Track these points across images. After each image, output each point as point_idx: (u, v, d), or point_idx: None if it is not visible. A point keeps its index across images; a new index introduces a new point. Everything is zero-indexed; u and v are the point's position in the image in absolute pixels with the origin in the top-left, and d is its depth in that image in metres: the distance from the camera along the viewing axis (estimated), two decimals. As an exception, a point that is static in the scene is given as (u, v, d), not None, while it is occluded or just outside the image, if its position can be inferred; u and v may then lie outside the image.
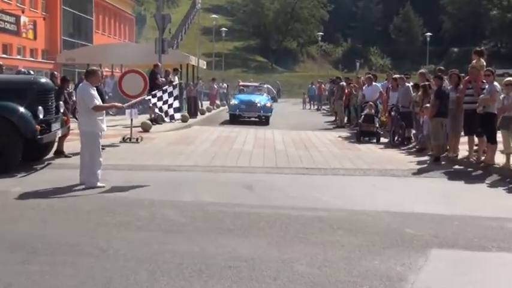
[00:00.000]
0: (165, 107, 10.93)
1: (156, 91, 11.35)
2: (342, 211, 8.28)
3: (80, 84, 10.22)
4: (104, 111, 10.21)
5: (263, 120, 24.83)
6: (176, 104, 11.00)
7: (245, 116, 25.16)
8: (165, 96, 10.89)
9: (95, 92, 9.77)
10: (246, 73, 69.12)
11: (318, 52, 78.69)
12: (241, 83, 33.73)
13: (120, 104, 11.83)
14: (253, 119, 25.34)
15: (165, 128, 20.24)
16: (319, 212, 8.19)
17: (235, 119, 24.90)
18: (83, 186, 9.41)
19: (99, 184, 9.47)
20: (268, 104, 25.65)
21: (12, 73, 21.42)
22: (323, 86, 43.26)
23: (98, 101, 9.75)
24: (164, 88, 11.33)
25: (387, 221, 7.68)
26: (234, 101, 26.30)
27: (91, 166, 9.55)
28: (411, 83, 16.90)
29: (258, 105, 25.08)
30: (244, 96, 26.68)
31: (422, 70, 17.73)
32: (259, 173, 11.56)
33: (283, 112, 33.48)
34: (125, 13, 61.82)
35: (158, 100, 10.95)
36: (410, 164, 13.01)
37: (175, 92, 11.03)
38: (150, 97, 11.33)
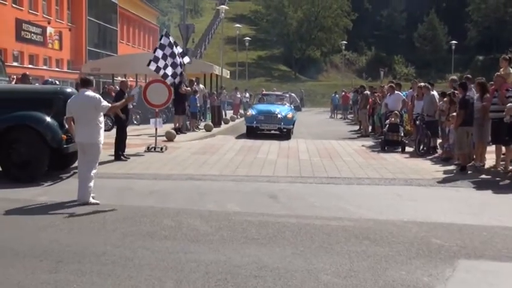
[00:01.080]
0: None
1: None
2: (367, 221, 8.22)
3: (84, 93, 9.32)
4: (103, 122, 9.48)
5: (284, 134, 21.90)
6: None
7: (264, 129, 22.14)
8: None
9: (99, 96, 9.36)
10: (269, 82, 69.13)
11: (341, 61, 78.54)
12: (264, 92, 31.60)
13: (130, 97, 11.44)
14: (272, 131, 22.28)
15: (190, 138, 20.34)
16: (344, 221, 8.15)
17: (252, 132, 22.03)
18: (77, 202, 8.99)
19: (92, 201, 8.95)
20: (290, 115, 22.44)
21: (39, 83, 21.71)
22: (348, 94, 43.41)
23: (106, 102, 9.34)
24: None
25: (413, 231, 7.61)
26: (251, 112, 22.99)
27: (83, 180, 9.01)
28: (435, 92, 16.78)
29: (279, 116, 22.00)
30: (263, 106, 23.71)
31: (453, 77, 17.57)
32: (283, 183, 11.54)
33: (307, 121, 33.43)
34: (149, 23, 62.32)
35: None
36: (436, 173, 12.90)
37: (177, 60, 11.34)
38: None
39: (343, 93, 44.08)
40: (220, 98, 28.69)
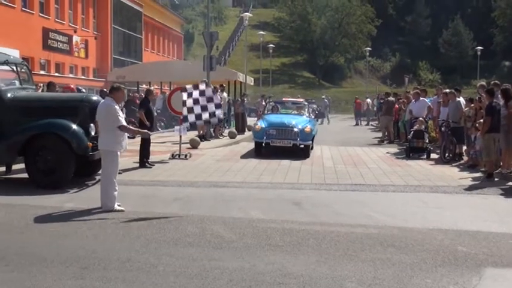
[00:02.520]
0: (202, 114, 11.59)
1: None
2: (392, 228, 8.16)
3: (104, 100, 9.63)
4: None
5: (300, 151, 17.36)
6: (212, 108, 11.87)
7: (276, 145, 17.38)
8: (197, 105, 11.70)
9: (119, 109, 9.35)
10: (293, 89, 69.14)
11: (365, 67, 78.20)
12: (284, 99, 28.58)
13: (145, 131, 11.16)
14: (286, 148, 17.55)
15: (214, 145, 20.40)
16: (369, 229, 8.10)
17: (261, 150, 17.56)
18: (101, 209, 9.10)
19: (117, 208, 9.06)
20: (308, 128, 17.48)
21: (66, 91, 21.94)
22: (368, 101, 43.79)
23: (123, 120, 9.28)
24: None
25: (439, 239, 7.54)
26: (260, 124, 17.85)
27: (105, 188, 9.11)
28: (461, 98, 16.63)
29: (294, 129, 17.29)
30: (275, 117, 18.97)
31: (482, 83, 17.37)
32: (307, 190, 11.52)
33: (331, 128, 33.34)
34: (174, 31, 62.70)
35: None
36: (462, 180, 12.76)
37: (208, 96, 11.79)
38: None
39: (356, 99, 44.71)
40: (244, 105, 28.70)
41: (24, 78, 12.63)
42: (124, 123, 9.28)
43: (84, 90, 18.93)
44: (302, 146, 17.30)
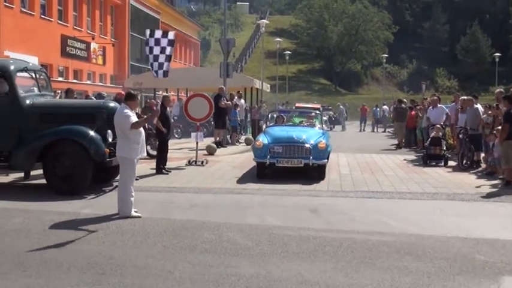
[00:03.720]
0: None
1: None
2: (409, 236, 8.12)
3: (119, 107, 9.72)
4: (144, 136, 9.53)
5: (313, 172, 13.96)
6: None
7: (283, 165, 13.76)
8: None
9: (131, 112, 9.28)
10: (309, 95, 69.14)
11: (382, 74, 77.99)
12: (297, 105, 26.45)
13: (157, 110, 10.89)
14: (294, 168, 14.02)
15: (230, 151, 20.43)
16: (385, 236, 8.06)
17: (264, 171, 14.00)
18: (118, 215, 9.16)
19: (133, 214, 9.11)
20: (323, 144, 13.89)
21: (82, 97, 22.13)
22: (385, 107, 44.37)
23: (134, 119, 9.21)
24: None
25: (457, 247, 7.48)
26: (262, 140, 14.15)
27: (122, 194, 9.18)
28: (479, 105, 16.52)
29: (306, 146, 13.74)
30: (280, 130, 15.00)
31: (501, 89, 17.28)
32: (324, 197, 11.49)
33: (347, 134, 33.26)
34: (191, 38, 62.92)
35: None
36: (480, 188, 12.66)
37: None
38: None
39: (363, 106, 46.38)
40: (260, 112, 28.73)
41: (42, 85, 12.74)
42: (133, 121, 9.14)
43: (105, 94, 19.05)
44: (316, 166, 13.70)
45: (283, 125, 16.61)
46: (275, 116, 18.27)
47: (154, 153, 16.42)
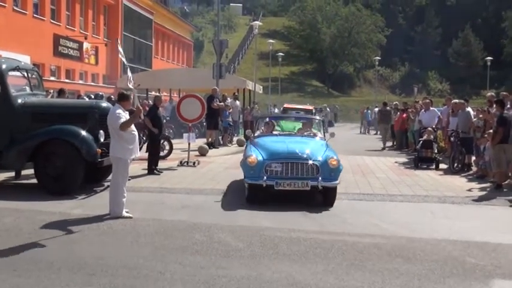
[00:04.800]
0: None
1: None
2: (400, 238, 8.14)
3: (112, 108, 9.75)
4: (137, 136, 9.54)
5: (320, 196, 10.98)
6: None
7: (284, 189, 10.50)
8: None
9: (123, 112, 9.25)
10: (302, 97, 69.08)
11: (375, 77, 78.15)
12: (286, 106, 24.11)
13: (139, 108, 10.66)
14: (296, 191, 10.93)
15: (222, 152, 20.42)
16: (376, 238, 8.08)
17: (259, 195, 10.74)
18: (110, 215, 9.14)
19: (125, 214, 9.10)
20: (335, 161, 10.68)
21: (74, 97, 22.07)
22: (376, 110, 44.77)
23: (123, 119, 9.13)
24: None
25: (447, 250, 7.51)
26: (255, 155, 10.81)
27: (114, 194, 9.17)
28: (470, 108, 16.59)
29: (313, 163, 10.59)
30: (275, 142, 11.69)
31: (491, 93, 17.41)
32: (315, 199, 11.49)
33: (340, 137, 33.15)
34: (184, 39, 62.86)
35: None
36: (471, 191, 12.71)
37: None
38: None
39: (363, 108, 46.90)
40: (253, 113, 28.71)
41: (34, 84, 12.70)
42: (123, 121, 9.09)
43: (103, 94, 19.01)
44: (326, 189, 10.55)
45: (277, 134, 12.75)
46: (264, 122, 13.58)
47: (162, 154, 16.57)
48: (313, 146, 11.38)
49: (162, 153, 16.74)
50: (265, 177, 10.35)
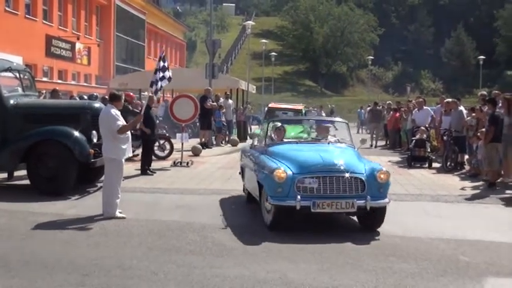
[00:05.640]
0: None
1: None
2: (393, 237, 8.15)
3: (104, 108, 9.78)
4: (130, 136, 9.56)
5: (367, 218, 8.80)
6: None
7: (323, 210, 8.24)
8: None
9: (118, 114, 9.30)
10: (295, 97, 69.08)
11: (368, 76, 78.30)
12: (272, 105, 20.83)
13: (140, 115, 10.71)
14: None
15: (215, 152, 20.40)
16: (370, 237, 8.09)
17: (284, 220, 8.51)
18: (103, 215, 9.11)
19: (118, 215, 9.07)
20: (384, 174, 8.58)
21: (66, 98, 21.99)
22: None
23: (122, 122, 9.23)
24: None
25: (441, 248, 7.53)
26: (283, 168, 8.39)
27: (107, 195, 9.15)
28: (463, 107, 16.65)
29: (357, 177, 8.44)
30: (304, 150, 9.32)
31: (483, 92, 17.47)
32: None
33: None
34: (176, 39, 62.79)
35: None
36: (464, 189, 12.74)
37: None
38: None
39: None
40: (245, 113, 28.71)
41: (27, 85, 12.65)
42: (121, 125, 9.16)
43: (97, 95, 18.99)
44: (375, 211, 8.46)
45: (296, 142, 10.11)
46: (274, 127, 10.52)
47: (163, 154, 16.61)
48: (348, 155, 9.18)
49: (162, 154, 17.07)
50: (299, 197, 8.12)
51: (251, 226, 8.74)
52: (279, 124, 10.58)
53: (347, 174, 8.29)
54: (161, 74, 11.04)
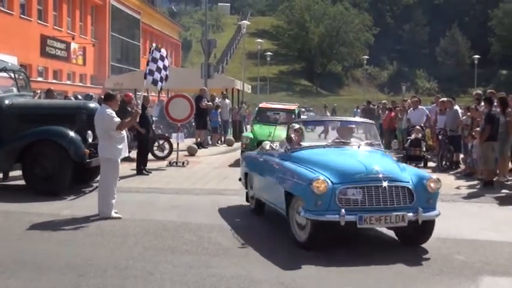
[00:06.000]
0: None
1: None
2: (389, 237, 8.15)
3: (100, 108, 9.79)
4: (126, 136, 9.62)
5: (410, 234, 7.69)
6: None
7: (371, 225, 7.27)
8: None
9: (114, 114, 9.24)
10: (290, 97, 69.16)
11: (363, 75, 78.40)
12: (262, 105, 19.53)
13: (137, 111, 10.67)
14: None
15: (211, 152, 20.39)
16: (366, 237, 8.09)
17: (323, 237, 7.35)
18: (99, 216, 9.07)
19: (113, 215, 9.06)
20: (434, 183, 7.54)
21: (61, 98, 21.95)
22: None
23: (119, 120, 9.23)
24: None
25: (436, 247, 7.53)
26: (321, 177, 7.21)
27: (103, 195, 9.12)
28: (457, 106, 16.67)
29: (406, 185, 7.39)
30: (337, 155, 8.17)
31: (478, 91, 17.51)
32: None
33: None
34: (172, 39, 62.77)
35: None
36: (459, 188, 12.76)
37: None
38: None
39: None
40: (241, 113, 28.70)
41: (22, 85, 12.62)
42: (118, 121, 9.18)
43: (92, 95, 18.99)
44: (423, 223, 7.33)
45: (323, 146, 8.78)
46: (293, 128, 9.21)
47: (162, 154, 16.59)
48: (388, 161, 8.22)
49: (162, 154, 17.09)
50: (343, 211, 7.01)
51: (249, 226, 8.74)
52: (297, 126, 9.35)
53: (395, 183, 7.25)
54: (156, 65, 11.14)
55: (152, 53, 11.47)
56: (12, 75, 12.39)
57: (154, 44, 12.45)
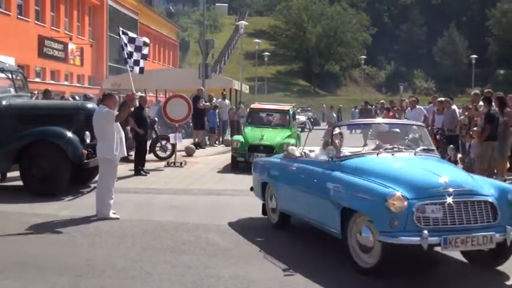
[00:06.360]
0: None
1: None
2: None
3: (97, 108, 9.87)
4: (124, 136, 9.62)
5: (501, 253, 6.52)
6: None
7: (456, 247, 6.12)
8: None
9: (111, 112, 9.28)
10: (288, 97, 69.14)
11: (361, 75, 78.44)
12: (254, 106, 18.62)
13: (129, 96, 10.72)
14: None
15: (209, 153, 20.39)
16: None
17: (391, 260, 6.29)
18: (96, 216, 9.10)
19: (112, 215, 9.07)
20: None
21: (58, 98, 21.91)
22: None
23: (115, 114, 9.28)
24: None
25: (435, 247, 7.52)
26: (397, 193, 6.05)
27: (101, 195, 9.13)
28: (455, 106, 16.68)
29: (487, 200, 6.26)
30: (405, 164, 7.00)
31: (476, 91, 17.50)
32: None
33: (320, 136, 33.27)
34: (169, 39, 62.71)
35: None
36: (457, 188, 12.74)
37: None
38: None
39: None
40: (239, 113, 28.67)
41: (19, 85, 12.60)
42: (116, 113, 9.28)
43: (91, 95, 18.99)
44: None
45: (376, 152, 7.49)
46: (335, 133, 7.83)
47: (164, 155, 16.57)
48: (457, 171, 7.26)
49: (164, 155, 17.00)
50: (426, 232, 5.87)
51: (247, 226, 8.73)
52: (338, 130, 7.93)
53: (477, 198, 6.21)
54: (130, 48, 11.23)
55: (122, 36, 11.58)
56: (10, 75, 12.36)
57: (121, 29, 12.48)
